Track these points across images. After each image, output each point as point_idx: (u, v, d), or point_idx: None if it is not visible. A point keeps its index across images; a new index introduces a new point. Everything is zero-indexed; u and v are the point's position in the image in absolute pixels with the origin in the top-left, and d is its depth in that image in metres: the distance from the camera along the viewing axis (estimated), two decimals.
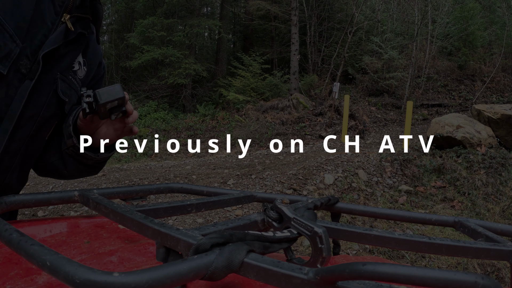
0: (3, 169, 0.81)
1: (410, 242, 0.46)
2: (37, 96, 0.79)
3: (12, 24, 0.72)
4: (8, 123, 0.75)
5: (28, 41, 0.75)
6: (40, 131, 0.84)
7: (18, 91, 0.75)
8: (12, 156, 0.81)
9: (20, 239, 0.33)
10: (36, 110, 0.80)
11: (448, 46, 14.42)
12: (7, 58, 0.72)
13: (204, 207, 0.59)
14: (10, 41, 0.72)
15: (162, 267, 0.28)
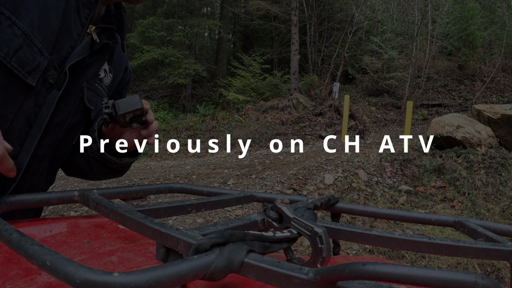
0: (32, 172, 0.85)
1: (410, 242, 0.46)
2: (64, 105, 0.84)
3: (40, 38, 0.75)
4: (37, 130, 0.79)
5: (56, 53, 0.78)
6: (68, 137, 0.89)
7: (46, 100, 0.79)
8: (40, 160, 0.85)
9: (20, 239, 0.33)
10: (63, 117, 0.85)
11: (448, 46, 14.42)
12: (36, 71, 0.75)
13: (204, 207, 0.59)
14: (38, 55, 0.75)
15: (162, 267, 0.28)
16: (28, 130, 0.79)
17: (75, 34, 0.81)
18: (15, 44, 0.71)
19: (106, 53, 0.92)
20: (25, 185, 0.86)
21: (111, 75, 0.98)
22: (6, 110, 0.72)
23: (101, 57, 0.91)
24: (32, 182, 0.86)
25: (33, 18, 0.74)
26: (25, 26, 0.72)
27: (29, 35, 0.73)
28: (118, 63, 1.01)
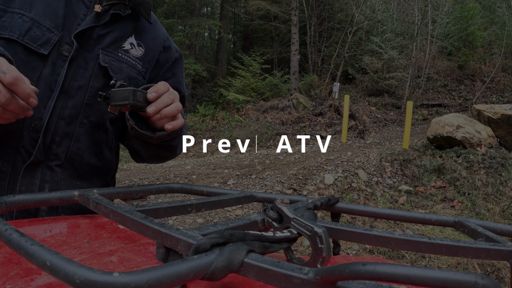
0: (63, 135, 0.95)
1: (410, 242, 0.46)
2: (82, 70, 0.96)
3: (47, 22, 0.92)
4: (56, 91, 0.92)
5: (66, 31, 0.94)
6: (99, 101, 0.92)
7: (62, 68, 0.93)
8: (70, 123, 0.95)
9: (20, 239, 0.33)
10: (83, 81, 0.96)
11: (448, 46, 14.42)
12: (47, 43, 0.91)
13: (204, 207, 0.59)
14: (48, 32, 0.92)
15: (162, 267, 0.28)
16: (50, 94, 0.92)
17: (81, 15, 0.97)
18: (25, 27, 0.89)
19: (124, 26, 1.04)
20: (61, 149, 0.95)
21: (141, 49, 1.09)
22: (28, 78, 0.80)
23: (118, 28, 1.02)
24: (69, 148, 0.96)
25: (38, 10, 0.92)
26: (32, 15, 0.91)
27: (36, 20, 0.91)
28: (152, 41, 1.12)
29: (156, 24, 1.16)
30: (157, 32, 1.15)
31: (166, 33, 1.21)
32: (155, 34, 1.14)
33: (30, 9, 0.91)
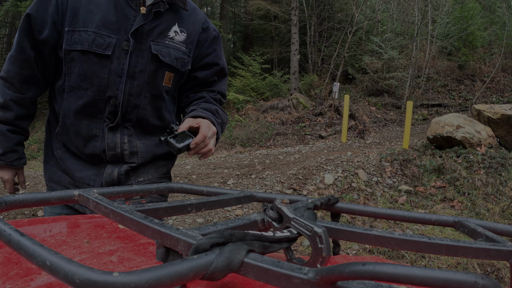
0: (133, 106, 1.30)
1: (410, 242, 0.46)
2: (140, 59, 1.28)
3: (105, 30, 1.23)
4: (123, 76, 1.27)
5: (122, 32, 1.24)
6: (154, 79, 1.32)
7: (125, 59, 1.26)
8: (137, 97, 1.30)
9: (20, 239, 0.33)
10: (142, 66, 1.28)
11: (448, 46, 14.42)
12: (109, 46, 1.23)
13: (204, 207, 0.59)
14: (107, 38, 1.23)
15: (162, 267, 0.28)
16: (119, 80, 1.27)
17: (131, 17, 1.26)
18: (91, 39, 1.22)
19: (167, 18, 1.32)
20: (132, 115, 1.31)
21: (183, 34, 1.37)
22: (102, 73, 1.24)
23: (163, 22, 1.31)
24: (138, 114, 1.32)
25: (96, 23, 1.22)
26: (93, 29, 1.22)
27: (97, 31, 1.22)
28: (192, 25, 1.39)
29: (195, 10, 1.43)
30: (196, 16, 1.42)
31: (205, 16, 1.48)
32: (194, 19, 1.40)
33: (90, 24, 1.22)
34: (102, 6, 1.24)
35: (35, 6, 1.24)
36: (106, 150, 1.28)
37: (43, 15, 1.23)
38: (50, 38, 1.24)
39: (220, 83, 1.54)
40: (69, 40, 1.22)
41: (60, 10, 1.23)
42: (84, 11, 1.23)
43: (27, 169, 7.78)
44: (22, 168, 1.39)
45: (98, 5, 1.23)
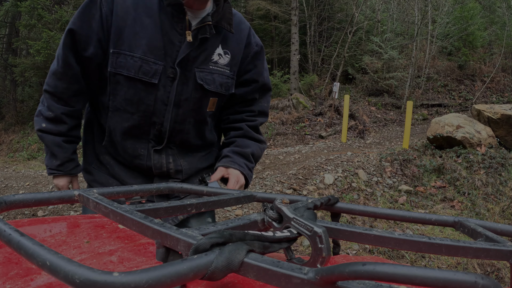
0: (177, 131, 1.33)
1: (410, 242, 0.46)
2: (185, 87, 1.28)
3: (152, 56, 1.20)
4: (169, 106, 1.28)
5: (168, 58, 1.23)
6: (199, 106, 1.33)
7: (171, 88, 1.26)
8: (181, 123, 1.32)
9: (20, 239, 0.33)
10: (187, 95, 1.29)
11: (448, 46, 14.42)
12: (155, 74, 1.22)
13: (204, 207, 0.59)
14: (154, 65, 1.21)
15: (162, 267, 0.28)
16: (165, 108, 1.28)
17: (177, 42, 1.23)
18: (137, 66, 1.20)
19: (212, 42, 1.28)
20: (176, 139, 1.35)
21: (227, 56, 1.34)
22: (148, 100, 1.25)
23: (207, 47, 1.28)
24: (182, 137, 1.35)
25: (143, 48, 1.19)
26: (139, 55, 1.20)
27: (144, 58, 1.20)
28: (236, 45, 1.36)
29: (240, 25, 1.38)
30: (240, 34, 1.37)
31: (249, 29, 1.42)
32: (238, 36, 1.36)
33: (137, 49, 1.19)
34: (148, 28, 1.20)
35: (79, 21, 1.20)
36: (153, 168, 1.34)
37: (87, 31, 1.20)
38: (95, 56, 1.22)
39: (261, 100, 1.51)
40: (114, 62, 1.20)
41: (104, 26, 1.20)
42: (129, 32, 1.19)
43: (27, 169, 7.78)
44: (76, 176, 1.43)
45: (144, 27, 1.20)
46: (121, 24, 1.19)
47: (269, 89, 1.52)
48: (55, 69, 1.25)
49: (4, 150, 11.87)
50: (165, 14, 1.21)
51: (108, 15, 1.19)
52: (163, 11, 1.21)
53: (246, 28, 1.41)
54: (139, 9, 1.20)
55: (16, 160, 10.09)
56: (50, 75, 1.27)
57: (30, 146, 11.16)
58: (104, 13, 1.19)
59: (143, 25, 1.19)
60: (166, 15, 1.21)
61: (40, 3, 12.23)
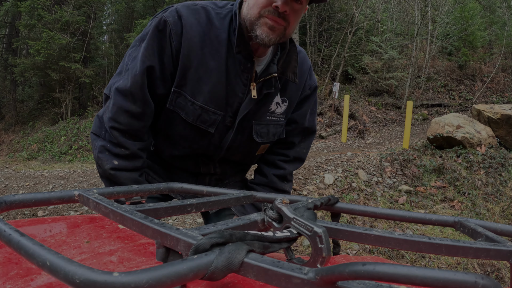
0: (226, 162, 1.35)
1: (410, 242, 0.46)
2: (240, 136, 1.27)
3: (212, 105, 1.17)
4: (221, 151, 1.29)
5: (229, 108, 1.20)
6: (250, 151, 1.35)
7: (226, 135, 1.25)
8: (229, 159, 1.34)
9: (20, 239, 0.33)
10: (239, 143, 1.29)
11: (448, 46, 14.42)
12: (213, 124, 1.20)
13: (204, 207, 0.59)
14: (213, 115, 1.19)
15: (162, 267, 0.28)
16: (217, 150, 1.28)
17: (240, 93, 1.18)
18: (196, 113, 1.17)
19: (272, 96, 1.25)
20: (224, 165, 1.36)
21: (285, 104, 1.30)
22: (202, 142, 1.25)
23: (267, 101, 1.25)
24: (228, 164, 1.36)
25: (205, 97, 1.15)
26: (200, 103, 1.16)
27: (204, 107, 1.17)
28: (295, 91, 1.31)
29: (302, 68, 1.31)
30: (301, 77, 1.31)
31: (308, 70, 1.35)
32: (295, 85, 1.30)
33: (198, 96, 1.15)
34: (212, 75, 1.14)
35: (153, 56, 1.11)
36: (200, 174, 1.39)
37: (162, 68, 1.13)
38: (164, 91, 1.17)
39: (301, 145, 1.44)
40: (174, 101, 1.16)
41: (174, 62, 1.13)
42: (193, 75, 1.13)
43: (27, 169, 7.78)
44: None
45: (208, 72, 1.13)
46: (187, 64, 1.12)
47: (311, 132, 1.45)
48: (128, 107, 1.12)
49: (4, 150, 11.87)
50: (232, 60, 1.15)
51: (177, 51, 1.12)
52: (231, 56, 1.15)
53: (307, 69, 1.35)
54: (206, 48, 1.13)
55: (16, 160, 10.09)
56: (119, 112, 1.12)
57: (30, 146, 11.17)
58: (174, 48, 1.12)
59: (207, 70, 1.13)
60: (233, 61, 1.15)
61: (40, 3, 12.23)
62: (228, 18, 1.16)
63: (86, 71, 12.93)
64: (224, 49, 1.14)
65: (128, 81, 1.11)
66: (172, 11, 1.15)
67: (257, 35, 1.09)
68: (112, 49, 15.54)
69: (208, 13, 1.15)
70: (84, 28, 13.42)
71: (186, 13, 1.13)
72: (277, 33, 1.10)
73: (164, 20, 1.13)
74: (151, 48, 1.11)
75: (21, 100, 15.92)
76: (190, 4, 1.17)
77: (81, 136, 10.88)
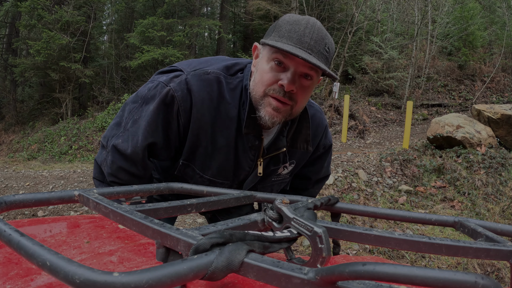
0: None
1: (410, 242, 0.46)
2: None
3: (220, 178, 1.19)
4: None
5: (235, 178, 1.21)
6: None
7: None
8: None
9: (20, 239, 0.33)
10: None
11: (448, 46, 14.41)
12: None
13: (204, 207, 0.59)
14: (220, 184, 1.19)
15: (162, 267, 0.28)
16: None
17: (247, 167, 1.18)
18: (205, 183, 1.17)
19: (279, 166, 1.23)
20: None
21: (292, 166, 1.26)
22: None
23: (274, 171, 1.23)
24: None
25: (213, 171, 1.17)
26: (208, 176, 1.17)
27: (212, 180, 1.18)
28: (304, 154, 1.27)
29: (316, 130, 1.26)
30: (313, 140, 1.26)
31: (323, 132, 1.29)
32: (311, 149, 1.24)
33: (207, 171, 1.16)
34: (222, 152, 1.13)
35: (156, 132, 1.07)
36: None
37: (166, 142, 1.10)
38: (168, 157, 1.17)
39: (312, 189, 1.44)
40: (182, 170, 1.16)
41: (181, 137, 1.11)
42: (203, 153, 1.12)
43: (27, 169, 7.78)
44: None
45: (217, 149, 1.12)
46: (196, 142, 1.11)
47: (323, 179, 1.43)
48: (128, 168, 1.10)
49: (4, 150, 11.87)
50: (241, 138, 1.13)
51: (186, 127, 1.09)
52: (240, 133, 1.12)
53: (322, 131, 1.29)
54: (216, 125, 1.09)
55: (16, 160, 10.09)
56: (119, 170, 1.11)
57: (30, 146, 11.16)
58: (182, 125, 1.08)
59: (216, 147, 1.12)
60: (242, 138, 1.13)
61: (40, 3, 12.22)
62: (239, 91, 1.10)
63: (86, 71, 12.92)
64: (234, 126, 1.11)
65: (128, 147, 1.08)
66: (181, 82, 1.06)
67: (260, 116, 1.04)
68: (112, 49, 15.54)
69: (220, 84, 1.09)
70: (84, 28, 13.42)
71: (197, 86, 1.06)
72: (283, 114, 1.04)
73: (172, 94, 1.05)
74: (154, 123, 1.06)
75: (21, 100, 15.92)
76: (201, 74, 1.08)
77: (81, 136, 10.87)
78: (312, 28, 0.98)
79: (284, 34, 0.98)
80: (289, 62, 0.98)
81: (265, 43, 1.01)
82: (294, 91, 1.00)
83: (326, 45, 1.00)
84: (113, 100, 13.35)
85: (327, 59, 1.02)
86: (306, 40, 0.97)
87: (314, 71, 1.00)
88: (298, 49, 0.95)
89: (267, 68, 1.01)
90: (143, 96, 1.10)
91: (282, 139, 1.15)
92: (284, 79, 0.98)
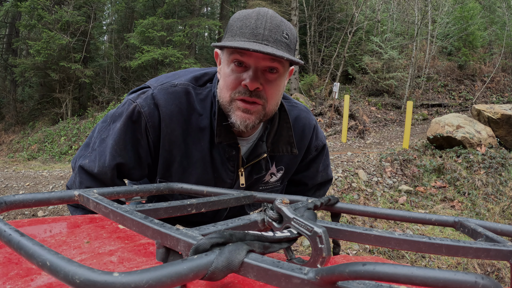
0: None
1: (410, 242, 0.46)
2: (234, 210, 1.25)
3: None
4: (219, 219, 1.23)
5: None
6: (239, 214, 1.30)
7: (219, 212, 1.23)
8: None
9: (20, 239, 0.33)
10: (235, 212, 1.26)
11: (448, 46, 14.41)
12: None
13: (204, 207, 0.59)
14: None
15: (162, 267, 0.28)
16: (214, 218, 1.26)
17: (228, 180, 1.12)
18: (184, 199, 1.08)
19: (264, 174, 1.16)
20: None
21: (280, 172, 1.21)
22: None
23: (259, 179, 1.17)
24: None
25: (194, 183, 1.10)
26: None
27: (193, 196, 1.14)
28: (293, 159, 1.21)
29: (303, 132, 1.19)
30: (301, 142, 1.19)
31: (312, 132, 1.21)
32: (298, 147, 1.17)
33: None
34: (197, 166, 1.08)
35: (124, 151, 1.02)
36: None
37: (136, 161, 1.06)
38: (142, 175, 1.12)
39: (314, 194, 1.38)
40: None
41: (152, 154, 1.07)
42: (178, 168, 1.08)
43: (27, 169, 7.78)
44: None
45: (193, 163, 1.07)
46: (169, 158, 1.06)
47: (327, 182, 1.36)
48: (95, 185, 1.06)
49: (4, 150, 11.87)
50: (217, 149, 1.08)
51: (156, 144, 1.05)
52: (214, 146, 1.07)
53: (310, 132, 1.22)
54: (189, 138, 1.05)
55: (16, 161, 10.09)
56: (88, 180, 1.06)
57: (30, 146, 11.16)
58: (152, 142, 1.04)
59: (191, 161, 1.07)
60: (217, 149, 1.08)
61: (40, 3, 12.23)
62: (209, 101, 1.06)
63: (86, 71, 12.93)
64: (207, 137, 1.06)
65: (94, 166, 1.03)
66: (147, 98, 1.02)
67: (232, 122, 0.99)
68: (112, 49, 15.54)
69: (189, 96, 1.04)
70: (84, 28, 13.42)
71: (165, 100, 1.01)
72: (255, 115, 0.97)
73: (138, 110, 1.01)
74: (122, 142, 1.02)
75: (21, 100, 15.92)
76: (168, 87, 1.03)
77: (81, 136, 10.88)
78: (263, 18, 0.92)
79: (237, 32, 0.93)
80: (248, 59, 0.93)
81: (216, 46, 0.96)
82: (260, 88, 0.95)
83: (283, 31, 0.93)
84: (113, 100, 13.35)
85: (289, 46, 0.95)
86: (260, 31, 0.91)
87: (278, 62, 0.93)
88: (252, 43, 0.89)
89: (228, 71, 0.96)
90: (112, 115, 1.06)
91: (262, 144, 1.10)
92: (247, 78, 0.93)
